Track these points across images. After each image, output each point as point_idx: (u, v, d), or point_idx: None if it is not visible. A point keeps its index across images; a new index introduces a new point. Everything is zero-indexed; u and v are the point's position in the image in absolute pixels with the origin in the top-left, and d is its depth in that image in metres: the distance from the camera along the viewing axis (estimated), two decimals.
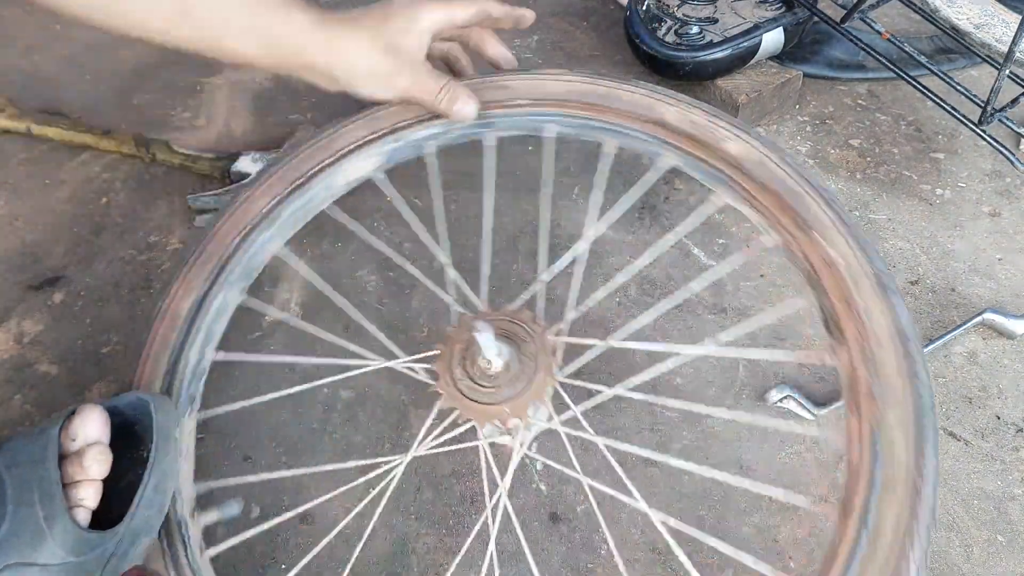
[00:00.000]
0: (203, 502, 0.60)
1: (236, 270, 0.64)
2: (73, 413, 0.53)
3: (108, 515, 0.52)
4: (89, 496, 0.51)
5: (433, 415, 0.62)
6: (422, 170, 0.69)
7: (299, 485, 0.69)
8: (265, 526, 0.61)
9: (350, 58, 0.61)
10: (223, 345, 0.65)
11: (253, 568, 0.64)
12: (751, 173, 0.58)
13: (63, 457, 0.52)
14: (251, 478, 0.65)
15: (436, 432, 0.62)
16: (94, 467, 0.51)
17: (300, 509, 0.63)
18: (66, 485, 0.51)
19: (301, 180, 0.66)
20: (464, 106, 0.64)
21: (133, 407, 0.55)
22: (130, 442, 0.55)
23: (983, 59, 0.81)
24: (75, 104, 1.04)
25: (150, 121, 1.01)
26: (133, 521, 0.52)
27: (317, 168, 0.66)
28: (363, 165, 0.68)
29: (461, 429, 0.63)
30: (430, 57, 0.64)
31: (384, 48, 0.61)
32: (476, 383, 0.59)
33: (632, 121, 0.63)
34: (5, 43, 1.15)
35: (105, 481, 0.53)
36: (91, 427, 0.52)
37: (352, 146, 0.67)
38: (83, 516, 0.51)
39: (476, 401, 0.59)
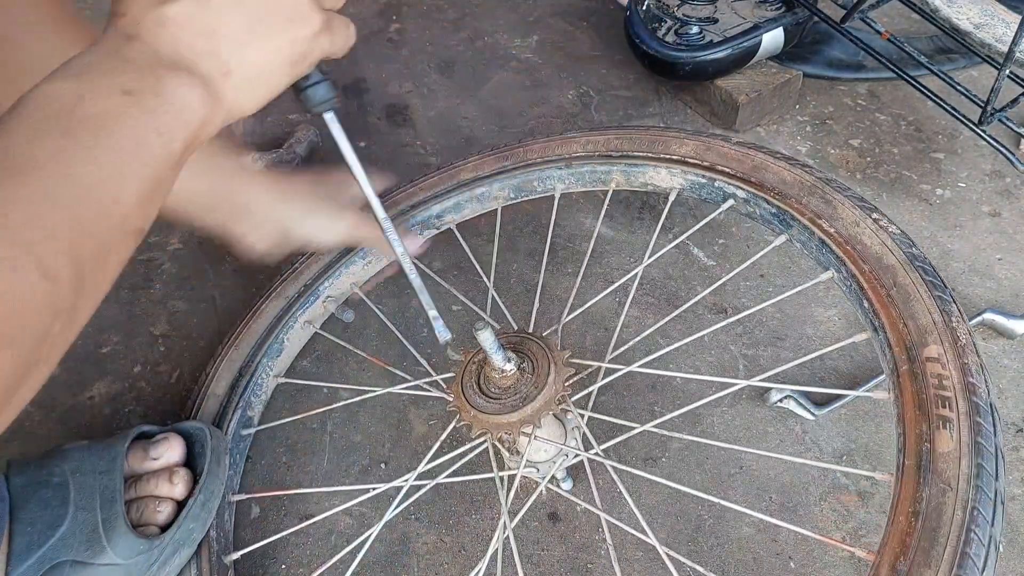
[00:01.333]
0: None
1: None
2: (142, 435, 0.60)
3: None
4: (167, 511, 0.57)
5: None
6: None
7: (298, 484, 0.69)
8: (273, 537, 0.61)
9: (296, 208, 0.68)
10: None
11: (253, 567, 0.64)
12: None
13: (139, 475, 0.58)
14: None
15: (452, 455, 0.63)
16: (180, 486, 0.57)
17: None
18: (144, 499, 0.57)
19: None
20: (415, 244, 0.71)
21: (188, 433, 0.61)
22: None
23: (983, 59, 0.81)
24: None
25: None
26: (178, 532, 0.56)
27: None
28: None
29: (477, 451, 0.64)
30: None
31: (323, 195, 0.69)
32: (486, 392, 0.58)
33: (832, 242, 0.59)
34: None
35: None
36: (175, 453, 0.59)
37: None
38: (153, 531, 0.56)
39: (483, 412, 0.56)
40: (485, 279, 0.74)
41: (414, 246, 0.70)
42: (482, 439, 0.58)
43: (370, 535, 0.60)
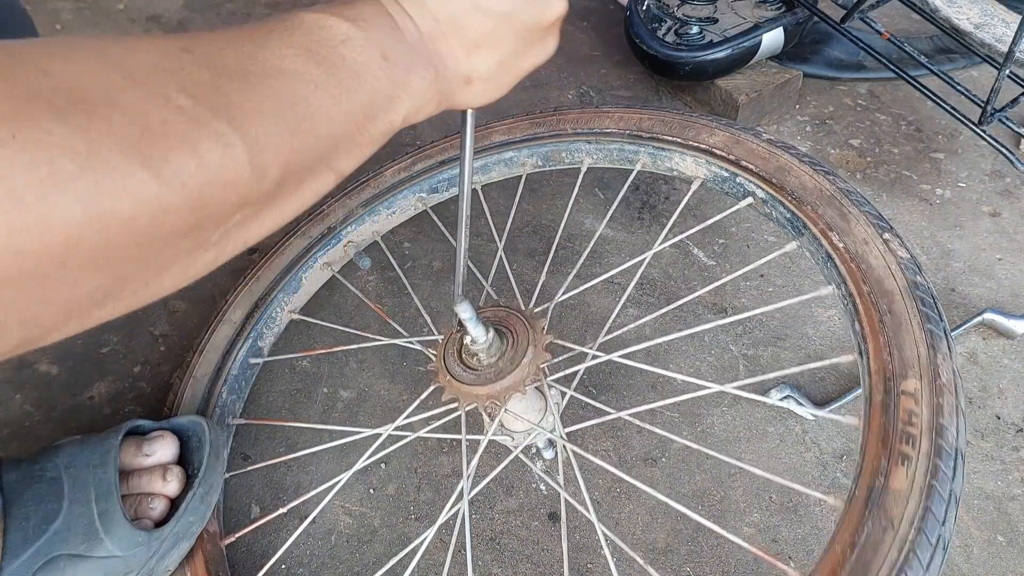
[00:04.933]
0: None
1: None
2: (136, 428, 0.60)
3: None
4: (159, 507, 0.56)
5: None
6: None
7: (298, 484, 0.69)
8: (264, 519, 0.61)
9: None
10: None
11: (253, 566, 0.64)
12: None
13: (131, 471, 0.58)
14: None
15: (431, 414, 0.63)
16: (173, 483, 0.57)
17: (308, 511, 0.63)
18: (137, 496, 0.56)
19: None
20: None
21: (183, 428, 0.61)
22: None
23: (983, 59, 0.81)
24: None
25: None
26: (177, 525, 0.56)
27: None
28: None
29: (452, 416, 0.64)
30: None
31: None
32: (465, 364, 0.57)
33: (837, 257, 0.58)
34: None
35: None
36: (168, 450, 0.59)
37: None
38: (147, 525, 0.55)
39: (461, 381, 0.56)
40: (497, 241, 0.75)
41: None
42: (455, 404, 0.58)
43: (341, 479, 0.62)
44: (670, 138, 0.70)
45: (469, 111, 0.48)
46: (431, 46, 0.39)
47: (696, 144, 0.69)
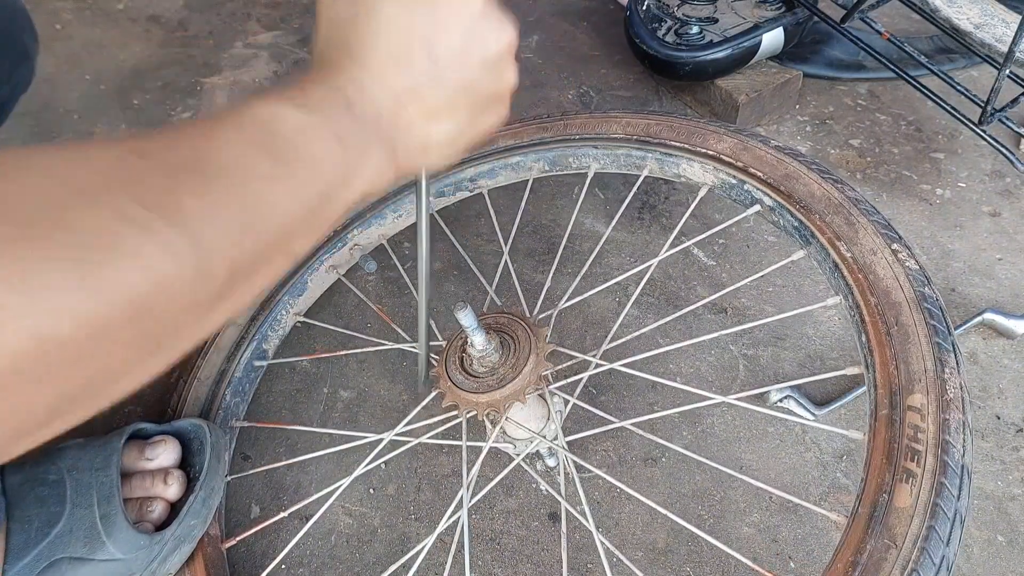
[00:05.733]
0: None
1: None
2: (138, 432, 0.60)
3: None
4: (159, 510, 0.57)
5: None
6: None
7: (298, 484, 0.69)
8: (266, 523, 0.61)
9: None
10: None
11: (253, 568, 0.64)
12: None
13: (133, 474, 0.58)
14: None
15: (431, 421, 0.62)
16: (174, 486, 0.58)
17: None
18: (138, 499, 0.57)
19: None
20: None
21: (185, 432, 0.61)
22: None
23: (983, 59, 0.81)
24: (75, 104, 1.04)
25: (150, 121, 1.01)
26: (179, 528, 0.56)
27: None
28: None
29: (453, 422, 0.63)
30: None
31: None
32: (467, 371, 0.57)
33: (845, 268, 0.57)
34: None
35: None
36: (170, 455, 0.59)
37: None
38: (149, 528, 0.56)
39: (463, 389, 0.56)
40: (502, 243, 0.75)
41: None
42: (456, 410, 0.58)
43: (342, 485, 0.62)
44: (678, 144, 0.70)
45: (423, 171, 0.47)
46: (390, 120, 0.39)
47: (704, 150, 0.68)
